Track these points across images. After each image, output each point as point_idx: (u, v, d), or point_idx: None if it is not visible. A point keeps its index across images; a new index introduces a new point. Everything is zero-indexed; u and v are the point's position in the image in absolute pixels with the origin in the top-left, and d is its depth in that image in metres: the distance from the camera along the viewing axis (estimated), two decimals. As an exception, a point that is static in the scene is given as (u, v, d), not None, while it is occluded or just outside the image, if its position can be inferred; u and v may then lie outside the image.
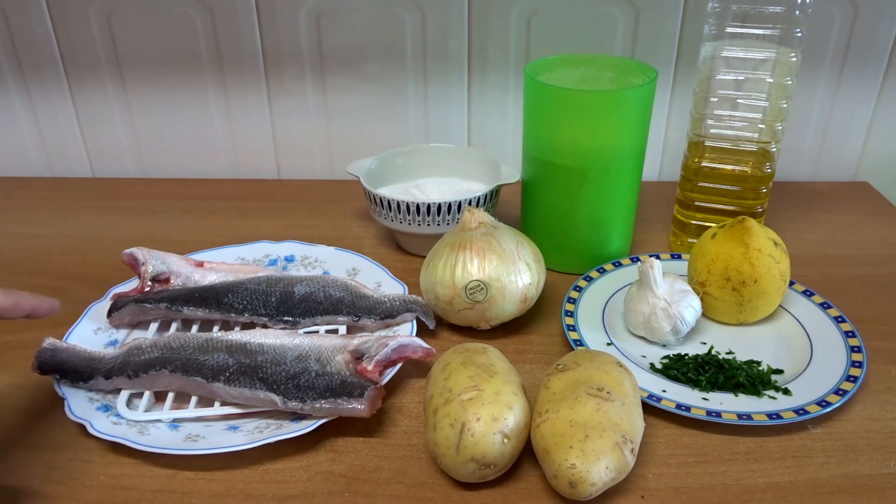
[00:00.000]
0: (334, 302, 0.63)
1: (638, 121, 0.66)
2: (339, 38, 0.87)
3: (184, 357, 0.55)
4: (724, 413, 0.53)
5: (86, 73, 0.90)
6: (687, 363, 0.58)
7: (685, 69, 0.88)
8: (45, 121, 0.93)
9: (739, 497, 0.48)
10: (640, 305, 0.61)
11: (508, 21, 0.85)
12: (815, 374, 0.57)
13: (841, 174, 0.95)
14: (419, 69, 0.89)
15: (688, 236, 0.75)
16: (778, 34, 0.66)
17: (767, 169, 0.71)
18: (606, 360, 0.51)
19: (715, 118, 0.70)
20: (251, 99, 0.91)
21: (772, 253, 0.61)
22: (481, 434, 0.46)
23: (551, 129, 0.66)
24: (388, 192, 0.74)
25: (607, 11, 0.84)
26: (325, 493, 0.49)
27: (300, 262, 0.73)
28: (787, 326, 0.64)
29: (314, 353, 0.56)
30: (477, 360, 0.50)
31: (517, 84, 0.89)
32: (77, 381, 0.55)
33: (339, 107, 0.92)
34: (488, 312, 0.61)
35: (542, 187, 0.69)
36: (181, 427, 0.53)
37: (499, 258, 0.60)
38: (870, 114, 0.91)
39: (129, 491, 0.49)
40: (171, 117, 0.93)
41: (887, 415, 0.55)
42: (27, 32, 0.87)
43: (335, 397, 0.52)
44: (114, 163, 0.96)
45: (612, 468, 0.45)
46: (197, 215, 0.85)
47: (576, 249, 0.71)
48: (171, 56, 0.88)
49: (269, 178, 0.97)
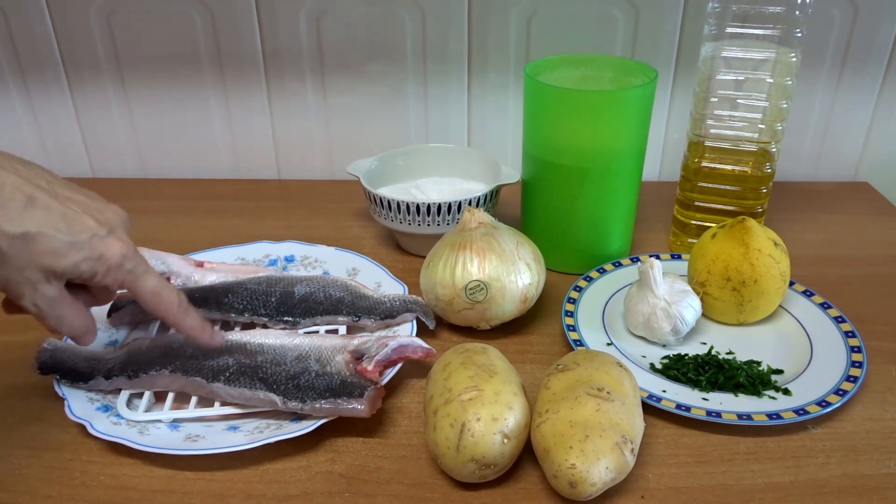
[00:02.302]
0: (334, 302, 0.63)
1: (638, 121, 0.66)
2: (339, 38, 0.87)
3: (184, 357, 0.55)
4: (724, 413, 0.53)
5: (86, 73, 0.90)
6: (687, 363, 0.58)
7: (685, 69, 0.88)
8: (45, 121, 0.93)
9: (739, 497, 0.48)
10: (640, 305, 0.61)
11: (508, 21, 0.85)
12: (815, 375, 0.57)
13: (841, 174, 0.95)
14: (419, 69, 0.89)
15: (688, 236, 0.75)
16: (778, 34, 0.66)
17: (767, 169, 0.71)
18: (606, 361, 0.51)
19: (715, 118, 0.70)
20: (251, 99, 0.91)
21: (772, 253, 0.61)
22: (481, 434, 0.46)
23: (551, 129, 0.66)
24: (388, 192, 0.74)
25: (607, 11, 0.84)
26: (325, 493, 0.49)
27: (300, 263, 0.73)
28: (787, 326, 0.64)
29: (314, 354, 0.56)
30: (477, 360, 0.50)
31: (517, 84, 0.89)
32: (77, 381, 0.55)
33: (339, 107, 0.92)
34: (488, 312, 0.61)
35: (542, 187, 0.69)
36: (181, 427, 0.53)
37: (499, 258, 0.60)
38: (870, 114, 0.91)
39: (129, 491, 0.49)
40: (171, 117, 0.93)
41: (887, 415, 0.55)
42: (27, 32, 0.87)
43: (335, 397, 0.52)
44: (114, 163, 0.96)
45: (612, 468, 0.45)
46: (197, 215, 0.85)
47: (576, 249, 0.71)
48: (171, 56, 0.88)
49: (269, 178, 0.97)
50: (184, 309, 0.50)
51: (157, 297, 0.49)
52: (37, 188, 0.43)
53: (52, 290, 0.45)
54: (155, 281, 0.48)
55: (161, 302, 0.49)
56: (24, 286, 0.43)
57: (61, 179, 0.47)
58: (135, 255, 0.47)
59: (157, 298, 0.49)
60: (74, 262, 0.44)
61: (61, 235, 0.43)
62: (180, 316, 0.50)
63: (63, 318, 0.46)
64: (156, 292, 0.49)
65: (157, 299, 0.49)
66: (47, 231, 0.43)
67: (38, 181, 0.44)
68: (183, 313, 0.50)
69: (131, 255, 0.47)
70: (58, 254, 0.43)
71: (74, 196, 0.46)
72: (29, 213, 0.42)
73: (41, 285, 0.44)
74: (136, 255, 0.47)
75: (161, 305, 0.49)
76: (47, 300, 0.45)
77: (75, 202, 0.45)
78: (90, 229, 0.45)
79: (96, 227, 0.45)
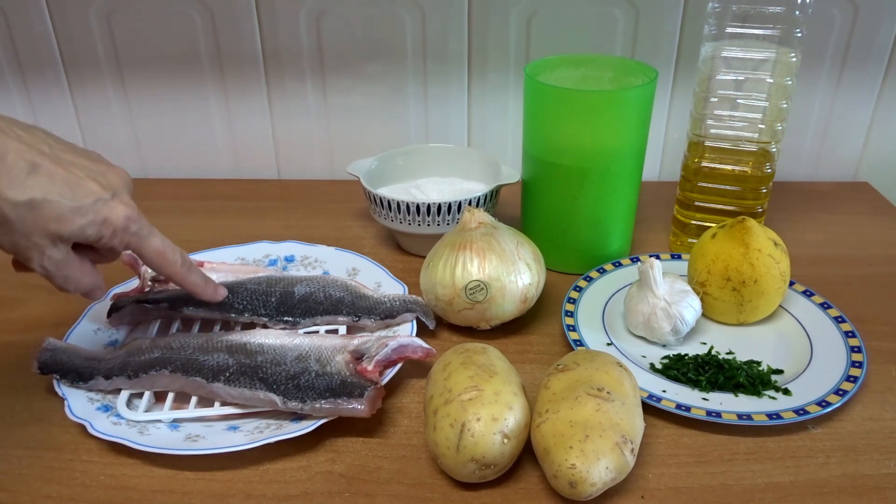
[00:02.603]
0: (334, 302, 0.63)
1: (638, 121, 0.66)
2: (339, 38, 0.87)
3: (184, 357, 0.55)
4: (724, 413, 0.53)
5: (86, 73, 0.90)
6: (687, 363, 0.58)
7: (685, 69, 0.88)
8: (45, 121, 0.93)
9: (739, 497, 0.48)
10: (640, 305, 0.61)
11: (508, 21, 0.85)
12: (815, 375, 0.57)
13: (841, 174, 0.95)
14: (419, 69, 0.89)
15: (688, 236, 0.75)
16: (778, 34, 0.66)
17: (767, 169, 0.71)
18: (606, 361, 0.51)
19: (715, 118, 0.70)
20: (251, 99, 0.91)
21: (772, 253, 0.61)
22: (481, 434, 0.46)
23: (551, 129, 0.66)
24: (388, 192, 0.74)
25: (607, 11, 0.84)
26: (325, 493, 0.49)
27: (300, 263, 0.73)
28: (787, 326, 0.64)
29: (314, 354, 0.56)
30: (477, 360, 0.50)
31: (517, 84, 0.89)
32: (77, 381, 0.55)
33: (339, 107, 0.92)
34: (488, 312, 0.61)
35: (542, 187, 0.69)
36: (181, 427, 0.53)
37: (499, 258, 0.60)
38: (870, 114, 0.91)
39: (129, 491, 0.49)
40: (171, 117, 0.93)
41: (887, 415, 0.55)
42: (27, 32, 0.87)
43: (335, 397, 0.52)
44: (114, 163, 0.96)
45: (612, 468, 0.45)
46: (197, 215, 0.85)
47: (576, 249, 0.71)
48: (171, 56, 0.88)
49: (269, 178, 0.97)
50: (187, 267, 0.53)
51: (161, 257, 0.51)
52: (39, 154, 0.44)
53: (59, 252, 0.46)
54: (158, 241, 0.50)
55: (166, 261, 0.51)
56: (32, 251, 0.45)
57: (63, 142, 0.47)
58: (138, 217, 0.48)
59: (161, 258, 0.51)
60: (80, 227, 0.45)
61: (66, 201, 0.44)
62: (184, 273, 0.53)
63: (70, 278, 0.48)
64: (160, 251, 0.50)
65: (162, 258, 0.51)
66: (52, 197, 0.44)
67: (40, 146, 0.45)
68: (187, 271, 0.53)
69: (135, 217, 0.48)
70: (63, 219, 0.44)
71: (77, 160, 0.46)
72: (33, 180, 0.43)
73: (48, 249, 0.45)
74: (140, 217, 0.48)
75: (166, 264, 0.51)
76: (54, 262, 0.46)
77: (78, 166, 0.46)
78: (94, 193, 0.45)
79: (100, 192, 0.46)
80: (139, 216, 0.48)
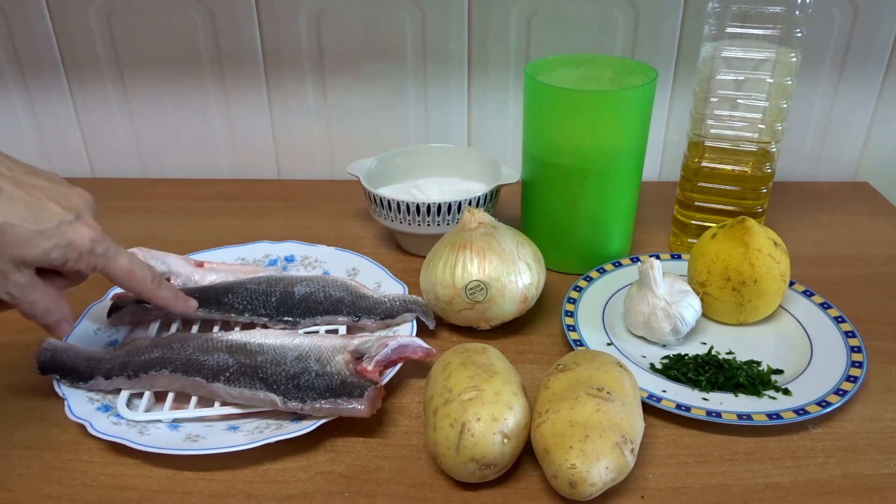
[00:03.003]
0: (334, 302, 0.63)
1: (638, 121, 0.66)
2: (339, 38, 0.87)
3: (184, 357, 0.55)
4: (724, 413, 0.53)
5: (86, 73, 0.90)
6: (687, 363, 0.58)
7: (685, 69, 0.88)
8: (45, 121, 0.93)
9: (739, 497, 0.48)
10: (640, 305, 0.61)
11: (508, 21, 0.85)
12: (815, 375, 0.57)
13: (841, 174, 0.95)
14: (419, 69, 0.89)
15: (688, 236, 0.75)
16: (778, 34, 0.66)
17: (767, 169, 0.71)
18: (606, 361, 0.51)
19: (715, 118, 0.70)
20: (251, 99, 0.91)
21: (772, 253, 0.61)
22: (481, 434, 0.46)
23: (551, 129, 0.66)
24: (388, 192, 0.74)
25: (607, 11, 0.84)
26: (325, 493, 0.49)
27: (300, 263, 0.73)
28: (787, 326, 0.64)
29: (314, 354, 0.56)
30: (477, 360, 0.50)
31: (517, 84, 0.89)
32: (77, 381, 0.55)
33: (339, 107, 0.92)
34: (488, 312, 0.61)
35: (542, 187, 0.69)
36: (181, 427, 0.53)
37: (499, 258, 0.60)
38: (870, 114, 0.91)
39: (129, 491, 0.49)
40: (171, 117, 0.93)
41: (887, 415, 0.55)
42: (27, 32, 0.87)
43: (335, 397, 0.52)
44: (114, 163, 0.96)
45: (612, 468, 0.45)
46: (197, 215, 0.85)
47: (576, 249, 0.71)
48: (171, 56, 0.88)
49: (269, 178, 0.97)
50: (157, 283, 0.53)
51: (130, 276, 0.50)
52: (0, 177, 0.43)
53: (24, 277, 0.45)
54: (126, 260, 0.50)
55: (135, 279, 0.51)
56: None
57: (22, 164, 0.47)
58: (103, 238, 0.48)
59: (130, 276, 0.50)
60: (44, 251, 0.44)
61: (28, 225, 0.43)
62: (154, 290, 0.53)
63: (36, 304, 0.47)
64: (128, 270, 0.50)
65: (130, 277, 0.51)
66: (13, 221, 0.43)
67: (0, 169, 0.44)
68: (157, 287, 0.53)
69: (100, 238, 0.47)
70: (27, 243, 0.43)
71: (38, 182, 0.46)
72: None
73: (12, 275, 0.44)
74: (105, 237, 0.48)
75: (135, 282, 0.51)
76: (19, 287, 0.45)
77: (39, 188, 0.45)
78: (57, 216, 0.45)
79: (63, 214, 0.45)
80: (104, 237, 0.47)
